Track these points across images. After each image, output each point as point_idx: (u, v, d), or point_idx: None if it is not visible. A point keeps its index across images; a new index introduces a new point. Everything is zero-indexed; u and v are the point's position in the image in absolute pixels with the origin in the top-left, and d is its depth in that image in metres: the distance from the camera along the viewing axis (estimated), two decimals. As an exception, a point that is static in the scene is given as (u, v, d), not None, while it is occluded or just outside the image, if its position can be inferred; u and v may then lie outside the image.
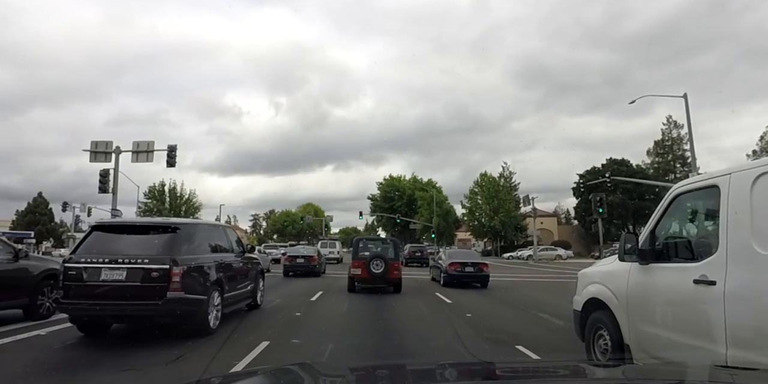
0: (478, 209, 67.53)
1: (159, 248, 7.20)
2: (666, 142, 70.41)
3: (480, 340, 7.89)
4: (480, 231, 66.00)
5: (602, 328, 5.04)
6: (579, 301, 5.60)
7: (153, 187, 75.48)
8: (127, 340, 7.63)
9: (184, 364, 5.92)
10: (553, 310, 11.10)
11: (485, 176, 69.49)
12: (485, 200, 65.70)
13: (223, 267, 8.49)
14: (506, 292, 17.02)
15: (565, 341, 7.30)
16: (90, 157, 25.93)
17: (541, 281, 22.37)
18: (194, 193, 76.60)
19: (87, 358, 6.30)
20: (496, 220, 63.72)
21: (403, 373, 2.30)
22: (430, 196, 75.23)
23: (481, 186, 69.39)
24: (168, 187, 75.83)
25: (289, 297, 13.75)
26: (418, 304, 12.80)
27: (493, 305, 13.01)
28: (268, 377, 1.99)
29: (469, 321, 10.04)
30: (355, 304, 12.45)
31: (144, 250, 7.20)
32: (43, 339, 7.41)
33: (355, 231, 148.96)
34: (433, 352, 6.97)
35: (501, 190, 67.27)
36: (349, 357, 6.66)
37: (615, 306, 4.84)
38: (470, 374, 2.21)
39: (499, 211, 65.51)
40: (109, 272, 6.92)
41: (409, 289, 16.61)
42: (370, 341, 7.89)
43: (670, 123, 70.59)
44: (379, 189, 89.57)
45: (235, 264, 9.24)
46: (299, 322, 9.46)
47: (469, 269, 18.09)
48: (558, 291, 16.34)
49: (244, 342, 7.19)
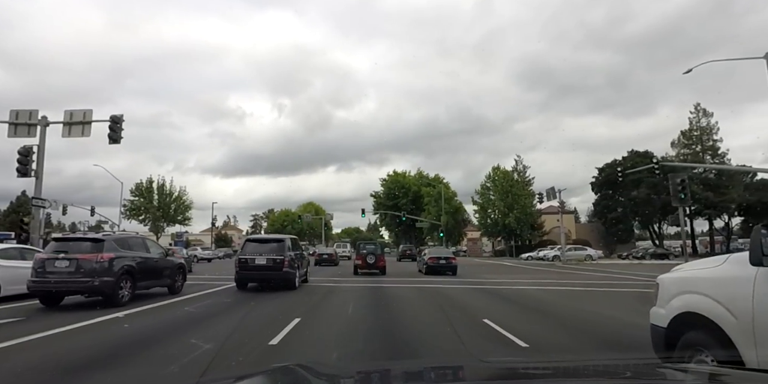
0: (491, 206, 60.63)
1: (277, 250, 15.42)
2: (694, 132, 63.37)
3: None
4: (493, 229, 59.08)
5: (703, 352, 3.82)
6: (663, 315, 4.40)
7: (140, 184, 69.10)
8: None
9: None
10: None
11: (498, 170, 62.66)
12: (499, 196, 58.86)
13: (300, 257, 17.32)
14: (558, 320, 10.35)
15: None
16: (9, 130, 19.34)
17: (596, 292, 16.88)
18: (184, 191, 69.70)
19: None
20: (510, 218, 56.91)
21: (401, 373, 2.35)
22: (438, 193, 68.79)
23: (493, 180, 62.63)
24: (156, 184, 68.75)
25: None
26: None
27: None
28: (266, 378, 2.08)
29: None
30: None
31: (270, 251, 15.42)
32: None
33: (357, 231, 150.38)
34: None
35: (515, 184, 60.34)
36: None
37: (729, 324, 3.64)
38: (470, 374, 2.26)
39: (514, 208, 58.54)
40: (258, 259, 15.23)
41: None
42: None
43: (699, 111, 64.12)
44: (383, 186, 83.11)
45: (302, 255, 18.11)
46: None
47: (442, 261, 25.03)
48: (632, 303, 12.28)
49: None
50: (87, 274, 10.90)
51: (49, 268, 11.03)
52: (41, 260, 11.25)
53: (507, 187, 61.49)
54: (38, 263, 11.23)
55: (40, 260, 11.26)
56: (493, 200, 62.39)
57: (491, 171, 64.46)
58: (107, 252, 11.33)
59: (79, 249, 11.32)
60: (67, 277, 10.94)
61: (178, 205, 70.55)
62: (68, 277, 10.94)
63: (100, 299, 11.40)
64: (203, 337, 7.29)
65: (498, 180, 63.12)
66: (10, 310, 10.93)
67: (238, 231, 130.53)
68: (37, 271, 11.11)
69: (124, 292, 11.50)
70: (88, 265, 10.98)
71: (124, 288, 11.52)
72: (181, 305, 11.85)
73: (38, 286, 11.10)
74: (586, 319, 10.28)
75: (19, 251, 13.81)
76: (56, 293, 11.32)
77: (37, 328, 8.09)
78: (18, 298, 12.29)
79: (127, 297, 11.57)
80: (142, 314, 10.22)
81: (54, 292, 11.27)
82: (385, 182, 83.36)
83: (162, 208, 68.14)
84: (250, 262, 15.16)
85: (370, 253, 24.29)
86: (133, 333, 8.20)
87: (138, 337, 7.86)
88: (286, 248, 15.43)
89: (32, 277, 11.12)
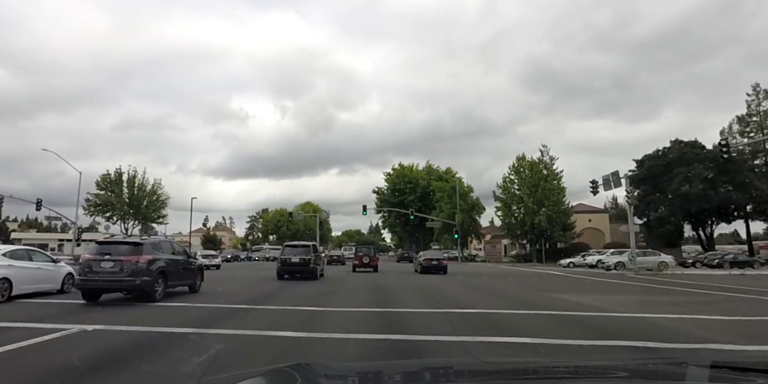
0: (516, 202, 50.13)
1: (306, 252, 22.71)
2: (753, 117, 52.94)
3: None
4: (521, 230, 48.59)
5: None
6: None
7: (106, 176, 58.73)
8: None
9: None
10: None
11: (523, 160, 52.12)
12: (526, 190, 48.34)
13: (319, 257, 24.75)
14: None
15: None
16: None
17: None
18: (160, 184, 59.64)
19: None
20: (541, 216, 46.34)
21: (402, 373, 2.34)
22: (452, 187, 58.28)
23: (518, 172, 51.96)
24: (127, 176, 58.56)
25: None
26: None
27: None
28: (266, 378, 2.01)
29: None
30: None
31: (301, 253, 22.65)
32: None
33: (358, 233, 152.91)
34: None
35: (544, 177, 49.89)
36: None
37: None
38: (470, 374, 2.28)
39: (544, 204, 48.06)
40: (294, 258, 22.37)
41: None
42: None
43: (758, 92, 53.39)
44: (387, 181, 73.05)
45: (320, 256, 26.46)
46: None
47: (434, 263, 28.84)
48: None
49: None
50: (130, 274, 12.26)
51: (96, 268, 12.40)
52: (88, 261, 12.64)
53: (535, 180, 51.12)
54: (85, 264, 12.63)
55: (87, 261, 12.64)
56: (518, 195, 51.94)
57: (515, 161, 54.12)
58: (146, 254, 12.72)
59: (121, 251, 12.66)
60: (112, 277, 12.35)
61: (151, 201, 60.39)
62: (112, 277, 12.35)
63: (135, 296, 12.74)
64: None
65: (524, 172, 52.74)
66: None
67: (229, 232, 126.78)
68: (84, 271, 12.51)
69: (159, 289, 12.83)
70: (130, 266, 12.31)
71: (158, 286, 12.83)
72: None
73: (86, 284, 12.52)
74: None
75: (27, 252, 14.49)
76: (103, 290, 12.86)
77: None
78: (28, 297, 13.34)
79: (161, 294, 12.93)
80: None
81: (99, 290, 12.82)
82: (390, 176, 72.90)
83: (132, 204, 57.94)
84: (288, 261, 22.53)
85: (366, 255, 30.34)
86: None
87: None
88: (311, 251, 23.16)
89: (80, 276, 12.65)
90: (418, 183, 68.30)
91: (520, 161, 54.61)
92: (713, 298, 15.30)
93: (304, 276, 21.84)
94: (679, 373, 2.11)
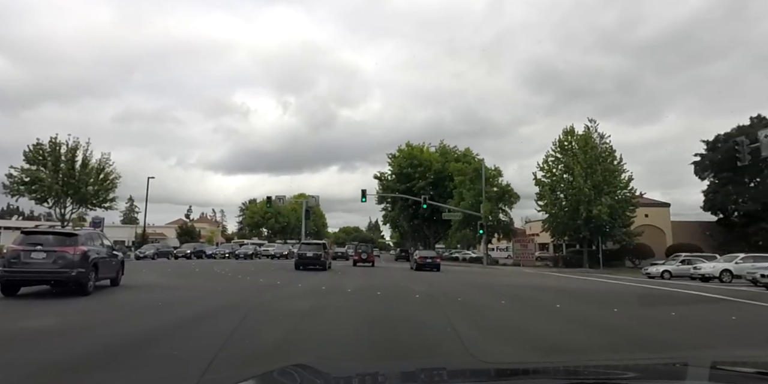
0: (566, 188, 36.95)
1: (319, 248, 28.26)
2: None
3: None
4: (572, 224, 35.41)
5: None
6: None
7: (38, 146, 45.38)
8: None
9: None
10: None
11: (571, 134, 38.95)
12: (579, 170, 35.04)
13: (328, 253, 30.63)
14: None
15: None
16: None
17: None
18: (108, 162, 46.54)
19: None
20: (601, 206, 33.06)
21: (401, 373, 2.34)
22: (474, 170, 45.12)
23: (566, 149, 38.80)
24: (65, 149, 45.39)
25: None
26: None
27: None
28: (267, 378, 2.03)
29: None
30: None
31: (314, 249, 28.03)
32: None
33: (356, 230, 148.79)
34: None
35: (600, 157, 36.82)
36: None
37: None
38: (470, 374, 2.24)
39: (604, 191, 34.97)
40: (309, 252, 27.65)
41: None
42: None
43: None
44: (392, 164, 59.71)
45: (328, 252, 32.42)
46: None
47: (428, 260, 31.45)
48: None
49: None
50: (65, 265, 11.71)
51: (25, 259, 11.72)
52: (15, 251, 11.90)
53: (591, 159, 38.01)
54: (12, 255, 11.89)
55: (15, 251, 11.90)
56: (566, 179, 38.81)
57: (561, 135, 41.02)
58: (81, 245, 12.33)
59: (55, 242, 12.13)
60: (43, 268, 11.69)
61: (96, 181, 47.43)
62: (44, 268, 11.69)
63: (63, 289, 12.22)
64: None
65: (574, 149, 39.63)
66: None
67: (211, 223, 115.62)
68: (10, 262, 11.71)
69: (91, 282, 12.46)
70: (66, 257, 11.78)
71: (91, 279, 12.43)
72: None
73: (12, 276, 11.74)
74: None
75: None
76: (30, 283, 12.19)
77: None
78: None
79: (92, 287, 12.55)
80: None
81: (25, 282, 12.18)
82: (395, 159, 59.29)
83: (66, 183, 44.85)
84: (303, 255, 27.34)
85: (364, 252, 36.50)
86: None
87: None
88: (323, 247, 28.55)
89: (4, 268, 11.72)
90: (430, 166, 54.97)
91: (567, 135, 41.41)
92: None
93: (317, 267, 26.96)
94: (679, 373, 2.11)
